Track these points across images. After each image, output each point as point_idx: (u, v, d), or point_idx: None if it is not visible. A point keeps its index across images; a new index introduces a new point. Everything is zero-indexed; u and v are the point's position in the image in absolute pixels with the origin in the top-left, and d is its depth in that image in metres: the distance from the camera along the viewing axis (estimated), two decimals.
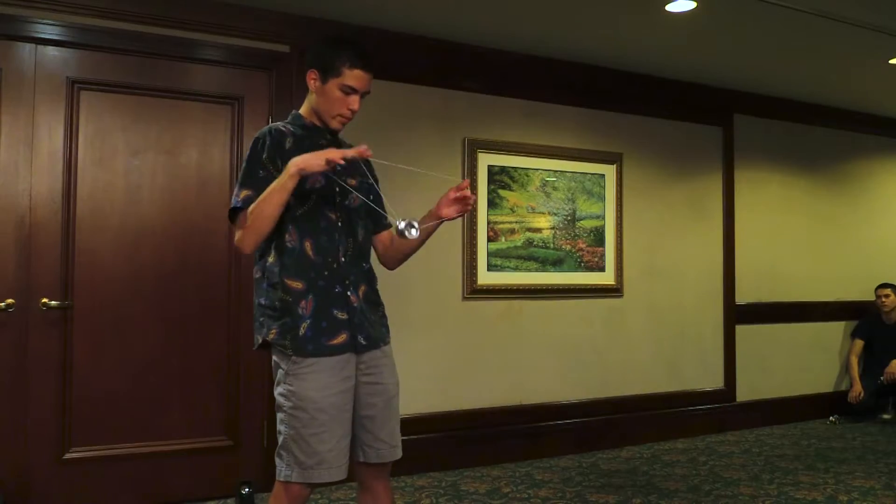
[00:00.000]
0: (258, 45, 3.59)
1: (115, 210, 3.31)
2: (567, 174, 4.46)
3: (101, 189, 3.29)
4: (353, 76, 2.05)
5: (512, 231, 4.27)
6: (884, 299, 5.45)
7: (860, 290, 5.64)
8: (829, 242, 5.56)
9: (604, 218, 4.58)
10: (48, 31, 3.18)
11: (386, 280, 2.31)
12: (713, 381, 4.99)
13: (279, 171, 1.97)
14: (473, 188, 4.13)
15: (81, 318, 3.23)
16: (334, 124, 2.11)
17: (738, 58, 4.38)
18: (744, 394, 5.08)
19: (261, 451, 3.54)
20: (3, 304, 3.08)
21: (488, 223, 4.19)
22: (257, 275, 2.09)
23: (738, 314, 5.07)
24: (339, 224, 2.09)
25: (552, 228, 4.40)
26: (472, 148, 4.14)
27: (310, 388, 1.98)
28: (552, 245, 4.40)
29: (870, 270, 5.67)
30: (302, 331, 2.00)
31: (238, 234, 2.01)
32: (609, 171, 4.59)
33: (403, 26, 3.84)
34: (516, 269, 4.28)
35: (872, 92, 5.11)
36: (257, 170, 2.01)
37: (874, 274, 5.64)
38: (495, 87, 4.23)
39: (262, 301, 2.05)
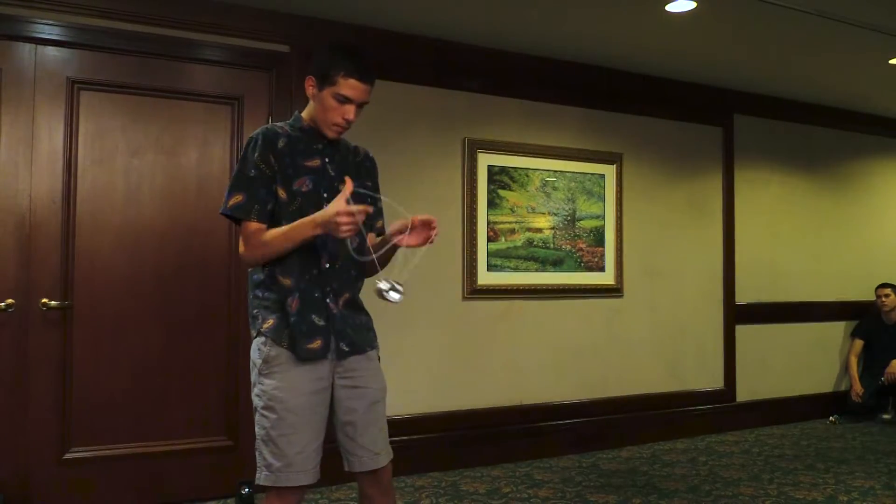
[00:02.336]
0: (258, 45, 3.59)
1: (115, 210, 3.31)
2: (567, 174, 4.46)
3: (101, 189, 3.29)
4: (348, 86, 2.00)
5: (512, 231, 4.27)
6: (884, 299, 5.45)
7: (860, 290, 5.64)
8: (829, 242, 5.56)
9: (604, 218, 4.58)
10: (48, 31, 3.18)
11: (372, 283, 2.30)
12: (713, 381, 4.99)
13: (271, 169, 2.00)
14: (473, 188, 4.13)
15: (81, 318, 3.23)
16: (329, 133, 2.08)
17: (738, 58, 4.38)
18: (744, 394, 5.08)
19: None
20: (3, 304, 3.07)
21: (488, 223, 4.19)
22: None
23: (738, 314, 5.07)
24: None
25: (552, 228, 4.40)
26: (472, 148, 4.14)
27: (279, 387, 1.97)
28: (552, 245, 4.40)
29: (870, 270, 5.67)
30: (294, 326, 2.01)
31: (242, 249, 2.02)
32: (609, 171, 4.59)
33: (403, 26, 3.84)
34: (516, 269, 4.28)
35: (872, 92, 5.11)
36: (249, 170, 2.01)
37: (874, 274, 5.64)
38: (495, 87, 4.23)
39: (258, 293, 2.07)
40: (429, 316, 3.98)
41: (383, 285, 1.96)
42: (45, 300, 3.15)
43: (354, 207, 1.87)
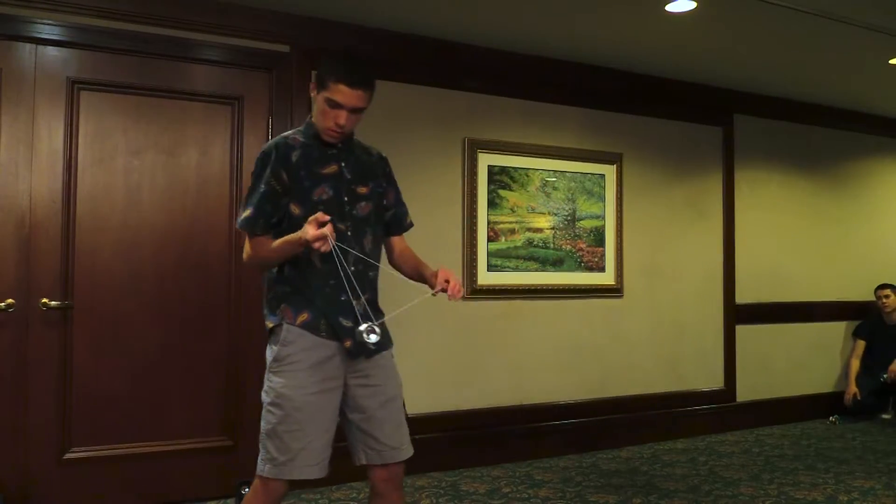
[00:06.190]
0: (258, 45, 3.59)
1: (115, 210, 3.31)
2: (567, 174, 4.46)
3: (101, 189, 3.29)
4: (338, 91, 2.02)
5: (512, 231, 4.27)
6: (884, 300, 5.45)
7: (861, 290, 5.63)
8: (830, 242, 5.56)
9: (604, 218, 4.58)
10: (48, 31, 3.18)
11: (386, 280, 2.31)
12: (713, 381, 4.99)
13: (281, 185, 2.06)
14: (473, 188, 4.13)
15: (81, 318, 3.23)
16: (325, 138, 2.12)
17: (738, 58, 4.38)
18: (744, 394, 5.08)
19: None
20: (3, 304, 3.07)
21: (488, 223, 4.19)
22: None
23: (738, 314, 5.07)
24: (349, 234, 2.11)
25: (552, 228, 4.40)
26: (472, 148, 4.14)
27: (287, 385, 2.03)
28: (552, 245, 4.40)
29: (870, 270, 5.67)
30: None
31: (246, 255, 2.15)
32: (609, 171, 4.59)
33: (403, 26, 3.84)
34: (516, 269, 4.28)
35: (872, 92, 5.11)
36: (259, 185, 2.08)
37: (874, 274, 5.64)
38: (495, 87, 4.23)
39: (281, 289, 2.12)
40: (429, 316, 3.98)
41: (362, 327, 2.03)
42: (45, 300, 3.15)
43: (326, 230, 1.90)
